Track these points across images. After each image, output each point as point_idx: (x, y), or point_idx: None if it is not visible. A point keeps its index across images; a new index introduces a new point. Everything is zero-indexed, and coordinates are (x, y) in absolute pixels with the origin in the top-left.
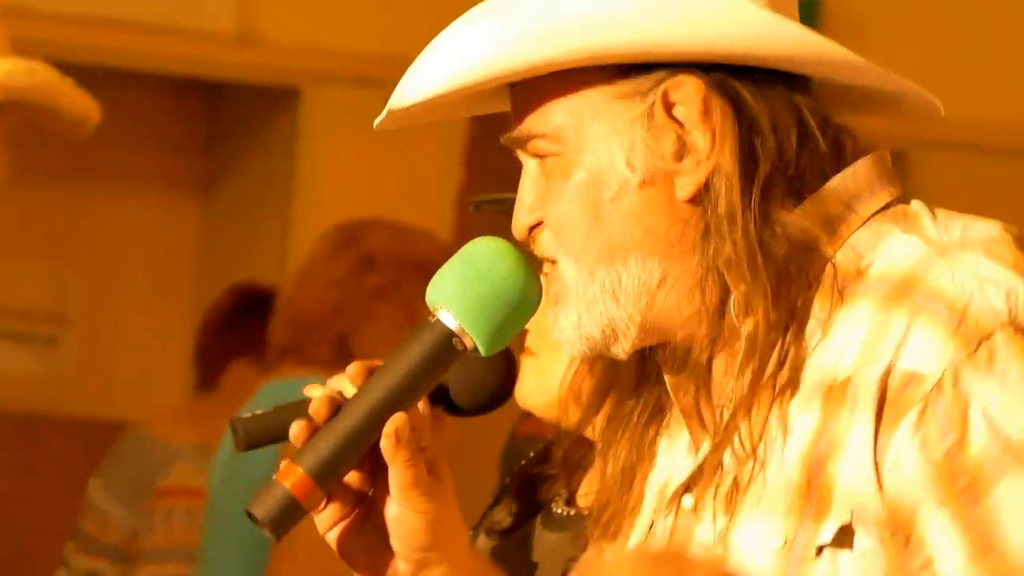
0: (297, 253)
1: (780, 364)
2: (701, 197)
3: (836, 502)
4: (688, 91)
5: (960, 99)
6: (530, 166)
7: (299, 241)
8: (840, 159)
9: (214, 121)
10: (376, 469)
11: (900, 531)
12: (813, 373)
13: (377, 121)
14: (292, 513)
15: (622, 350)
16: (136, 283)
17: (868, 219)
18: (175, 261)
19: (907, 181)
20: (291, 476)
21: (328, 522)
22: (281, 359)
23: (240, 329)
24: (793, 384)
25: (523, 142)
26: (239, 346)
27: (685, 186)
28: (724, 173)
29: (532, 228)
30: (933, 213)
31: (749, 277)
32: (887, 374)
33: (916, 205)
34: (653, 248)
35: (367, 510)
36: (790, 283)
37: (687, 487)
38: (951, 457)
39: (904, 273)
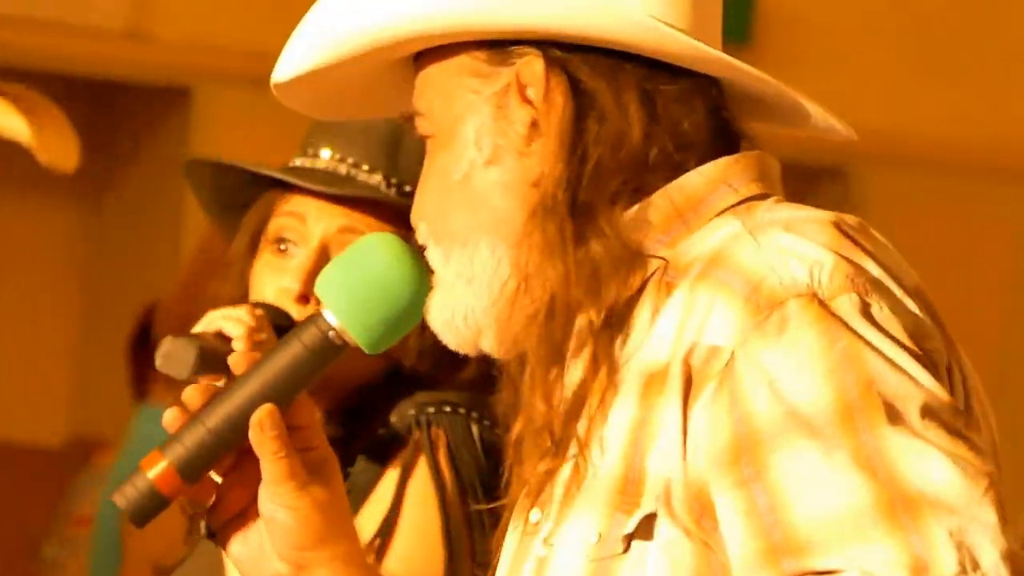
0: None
1: (602, 366)
2: (547, 184)
3: (646, 493)
4: (535, 71)
5: (903, 113)
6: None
7: (193, 246)
8: (710, 157)
9: (102, 121)
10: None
11: (706, 518)
12: (635, 369)
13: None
14: (155, 504)
15: (491, 347)
16: (13, 295)
17: (716, 215)
18: (58, 270)
19: (848, 198)
20: (156, 466)
21: (217, 521)
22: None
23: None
24: (617, 384)
25: (410, 121)
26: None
27: (530, 169)
28: (549, 158)
29: None
30: (777, 204)
31: (551, 273)
32: (690, 353)
33: (769, 200)
34: (502, 233)
35: (253, 511)
36: (608, 283)
37: (532, 502)
38: (737, 430)
39: (714, 253)
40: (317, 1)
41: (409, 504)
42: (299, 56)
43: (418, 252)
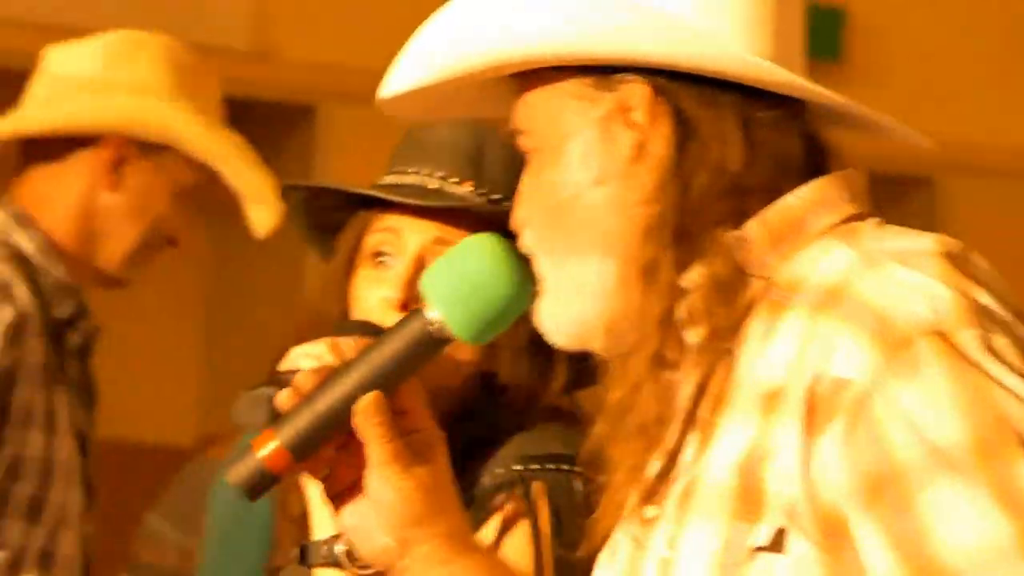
0: (314, 275)
1: (712, 381)
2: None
3: (769, 506)
4: (640, 96)
5: (989, 124)
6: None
7: (316, 262)
8: (805, 178)
9: None
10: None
11: (836, 537)
12: (751, 385)
13: (385, 98)
14: (265, 481)
15: (600, 347)
16: (143, 304)
17: (817, 237)
18: (187, 283)
19: (934, 207)
20: (267, 445)
21: (331, 491)
22: None
23: None
24: (729, 398)
25: (513, 136)
26: None
27: (636, 189)
28: (658, 179)
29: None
30: (880, 229)
31: (657, 291)
32: (815, 381)
33: (868, 222)
34: (611, 249)
35: (362, 484)
36: (713, 303)
37: (648, 498)
38: (877, 466)
39: (833, 283)
40: (429, 20)
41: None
42: (406, 76)
43: (517, 250)
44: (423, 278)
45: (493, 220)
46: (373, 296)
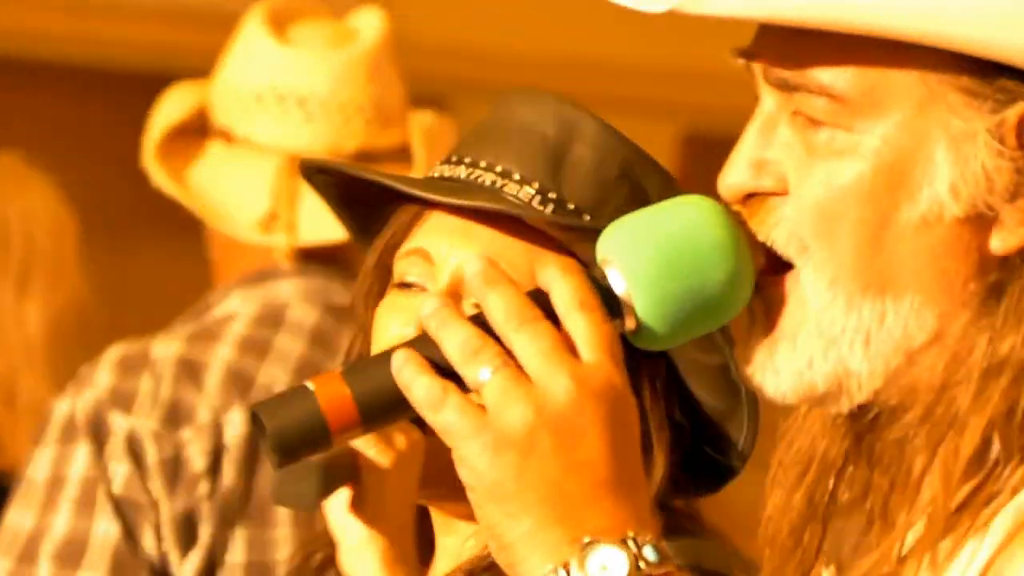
0: None
1: (998, 487)
2: (1016, 258)
3: None
4: None
5: None
6: (768, 105)
7: None
8: None
9: None
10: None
11: None
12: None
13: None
14: (312, 438)
15: (841, 406)
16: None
17: None
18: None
19: None
20: (330, 389)
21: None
22: None
23: None
24: (1009, 514)
25: (792, 88)
26: None
27: (1008, 237)
28: None
29: (751, 195)
30: None
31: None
32: None
33: None
34: (938, 297)
35: None
36: None
37: None
38: None
39: None
40: None
41: None
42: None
43: (744, 234)
44: (603, 235)
45: (563, 239)
46: (392, 329)
